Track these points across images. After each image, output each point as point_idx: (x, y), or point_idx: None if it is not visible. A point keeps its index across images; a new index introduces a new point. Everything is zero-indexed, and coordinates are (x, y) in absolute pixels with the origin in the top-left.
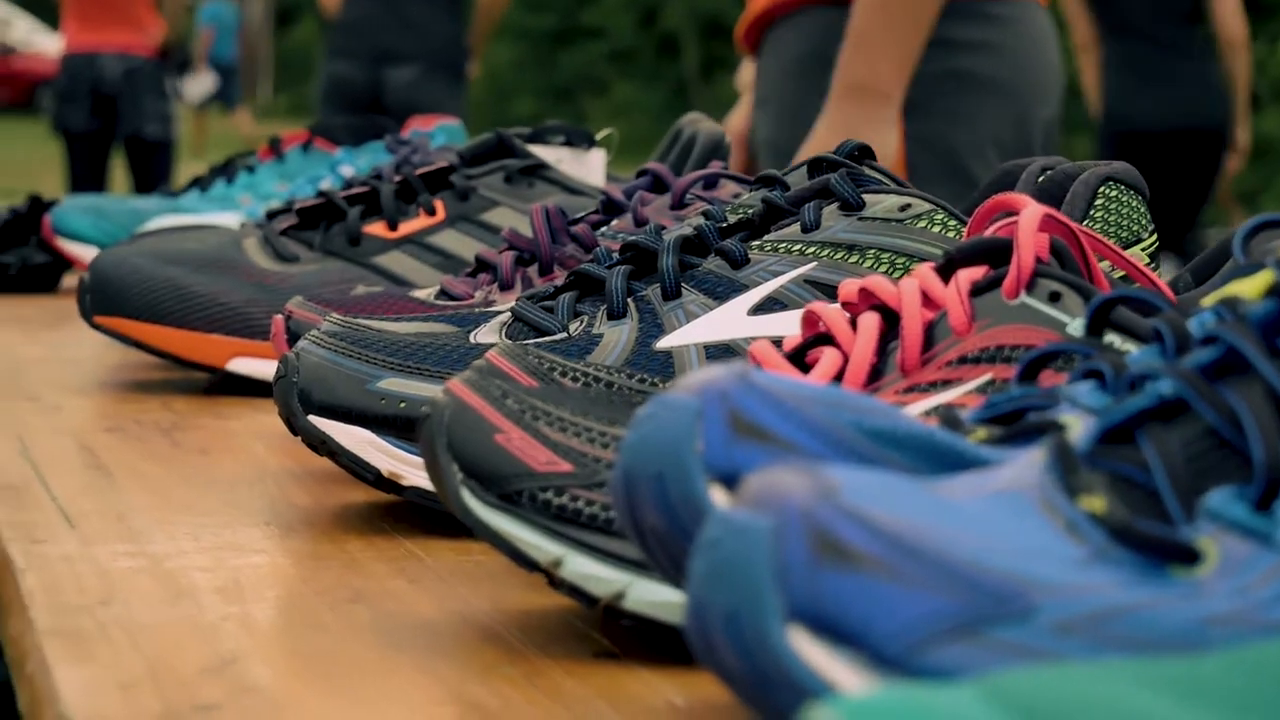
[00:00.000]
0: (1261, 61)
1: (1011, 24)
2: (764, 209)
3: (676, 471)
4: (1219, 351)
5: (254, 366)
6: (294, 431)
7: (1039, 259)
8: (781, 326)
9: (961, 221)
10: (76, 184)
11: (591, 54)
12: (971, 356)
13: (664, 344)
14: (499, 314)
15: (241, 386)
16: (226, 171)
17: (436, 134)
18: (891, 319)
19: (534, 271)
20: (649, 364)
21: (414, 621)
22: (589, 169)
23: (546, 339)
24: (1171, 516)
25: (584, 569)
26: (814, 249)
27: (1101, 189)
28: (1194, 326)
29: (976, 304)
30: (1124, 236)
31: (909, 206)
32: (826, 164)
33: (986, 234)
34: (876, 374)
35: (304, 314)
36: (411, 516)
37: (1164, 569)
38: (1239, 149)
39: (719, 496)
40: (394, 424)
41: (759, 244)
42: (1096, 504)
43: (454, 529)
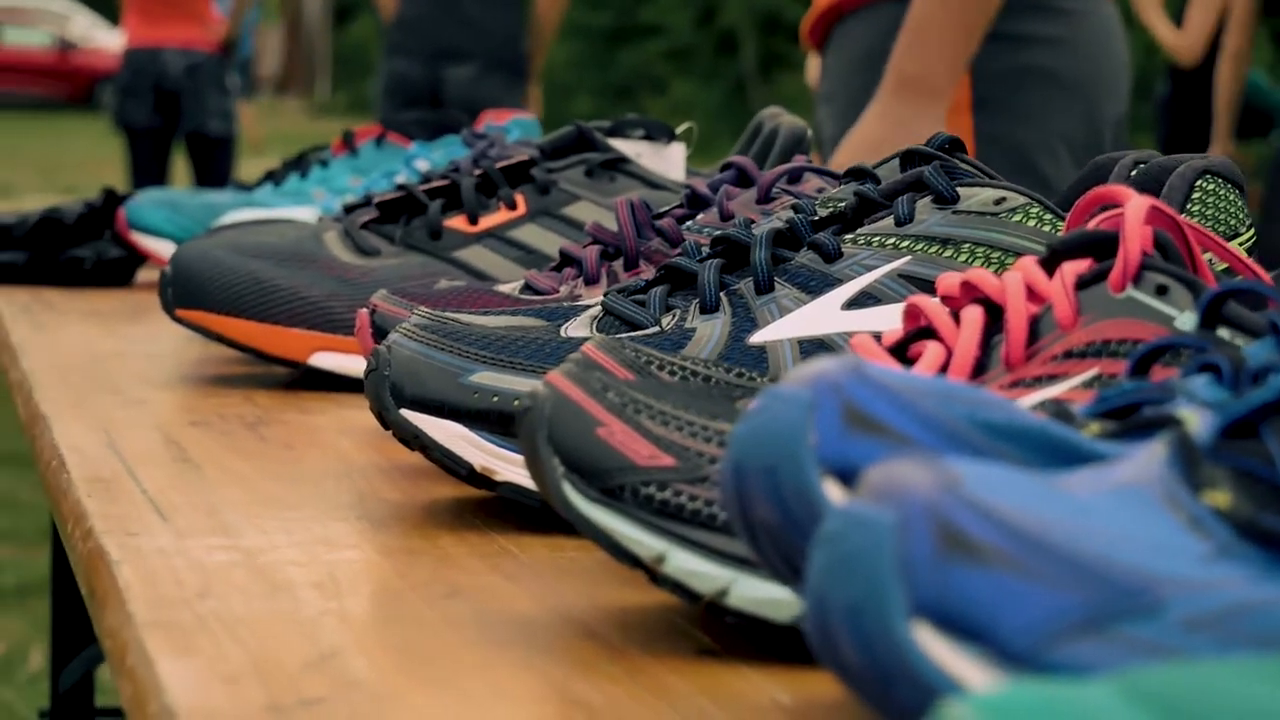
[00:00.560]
0: None
1: (1081, 19)
2: (856, 202)
3: (789, 464)
4: None
5: (336, 361)
6: (385, 426)
7: (1144, 252)
8: (876, 321)
9: (1057, 215)
10: (139, 180)
11: (649, 52)
12: (1077, 351)
13: (757, 338)
14: (588, 308)
15: (323, 381)
16: (299, 166)
17: (511, 128)
18: (994, 313)
19: (619, 266)
20: (742, 358)
21: (512, 617)
22: (669, 163)
23: (639, 333)
24: None
25: (687, 565)
26: (908, 243)
27: (1199, 182)
28: None
29: (1081, 298)
30: (1221, 230)
31: (1004, 200)
32: (919, 157)
33: (1089, 227)
34: (980, 368)
35: (389, 308)
36: (502, 511)
37: None
38: None
39: (833, 490)
40: (487, 418)
41: (852, 238)
42: (1221, 499)
43: (546, 524)
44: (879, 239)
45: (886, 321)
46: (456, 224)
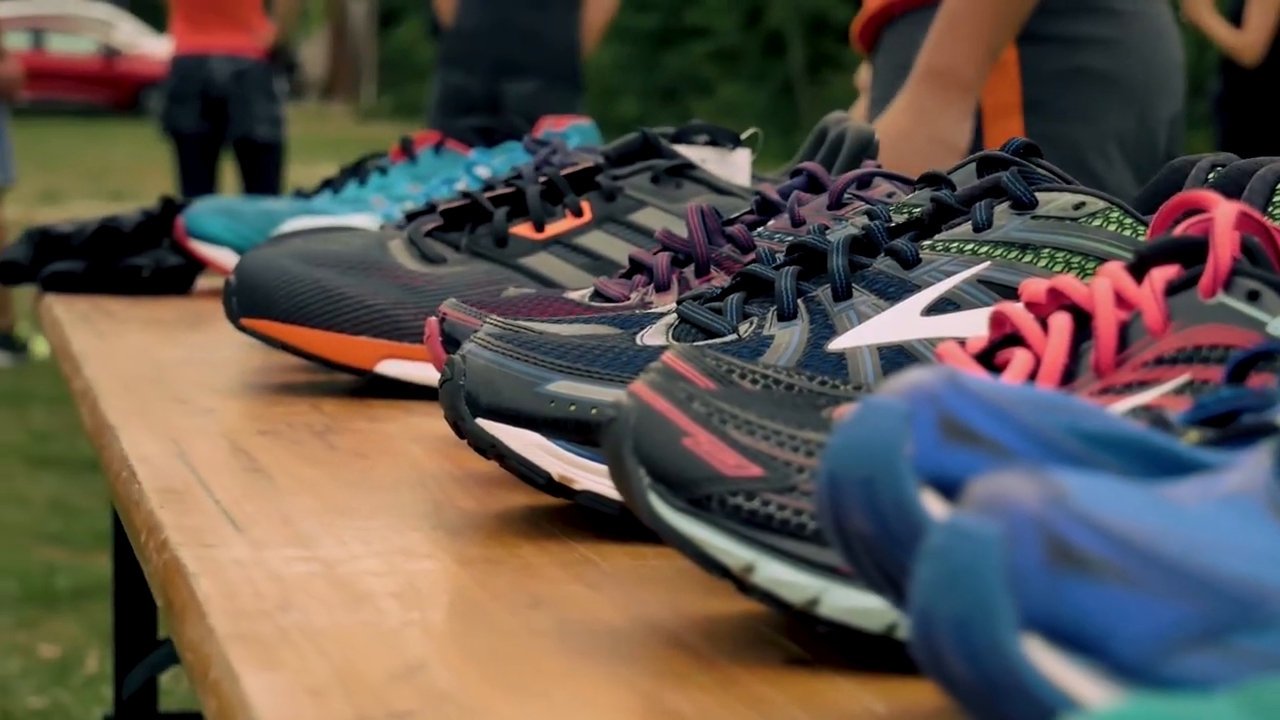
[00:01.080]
0: None
1: (1134, 19)
2: (934, 208)
3: (886, 476)
4: None
5: (403, 369)
6: (461, 435)
7: (1234, 257)
8: (956, 327)
9: (1136, 219)
10: (186, 186)
11: (696, 54)
12: (1168, 357)
13: (836, 345)
14: (662, 315)
15: (390, 388)
16: (358, 173)
17: (570, 134)
18: (1081, 319)
19: (690, 272)
20: (821, 365)
21: (597, 627)
22: (734, 168)
23: (716, 341)
24: None
25: (777, 575)
26: (987, 248)
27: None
28: None
29: (1171, 304)
30: None
31: (1083, 204)
32: (995, 162)
33: (1175, 233)
34: (1069, 375)
35: (458, 316)
36: (579, 519)
37: None
38: None
39: (930, 501)
40: (564, 427)
41: (930, 244)
42: None
43: (625, 533)
44: (957, 245)
45: (967, 327)
46: (522, 231)
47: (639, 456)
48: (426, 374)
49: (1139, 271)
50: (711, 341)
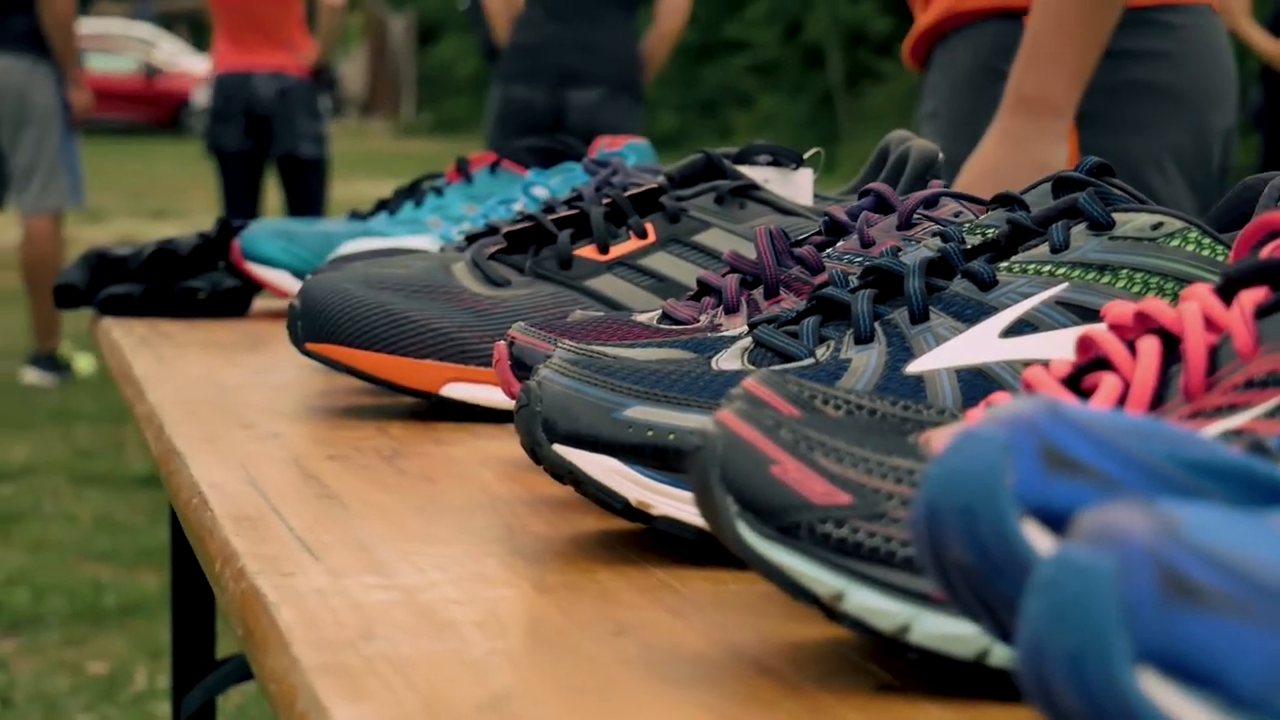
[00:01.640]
0: None
1: (1187, 31)
2: (1010, 229)
3: (987, 506)
4: None
5: (468, 392)
6: (537, 461)
7: None
8: (1035, 349)
9: (1215, 239)
10: (230, 204)
11: (735, 67)
12: (1259, 380)
13: (914, 368)
14: (736, 339)
15: (455, 412)
16: (413, 194)
17: (626, 153)
18: (1169, 343)
19: (759, 294)
20: (899, 388)
21: (683, 654)
22: (797, 188)
23: (793, 365)
24: None
25: (867, 602)
26: (1064, 269)
27: None
28: None
29: (1261, 326)
30: None
31: (1161, 225)
32: (1070, 183)
33: (1262, 255)
34: (1158, 400)
35: (527, 339)
36: (656, 545)
37: None
38: None
39: (1032, 531)
40: (642, 452)
41: (1006, 265)
42: None
43: (702, 558)
44: (1034, 266)
45: (1046, 349)
46: (587, 253)
47: (727, 485)
48: (492, 397)
49: (1227, 294)
50: (789, 366)
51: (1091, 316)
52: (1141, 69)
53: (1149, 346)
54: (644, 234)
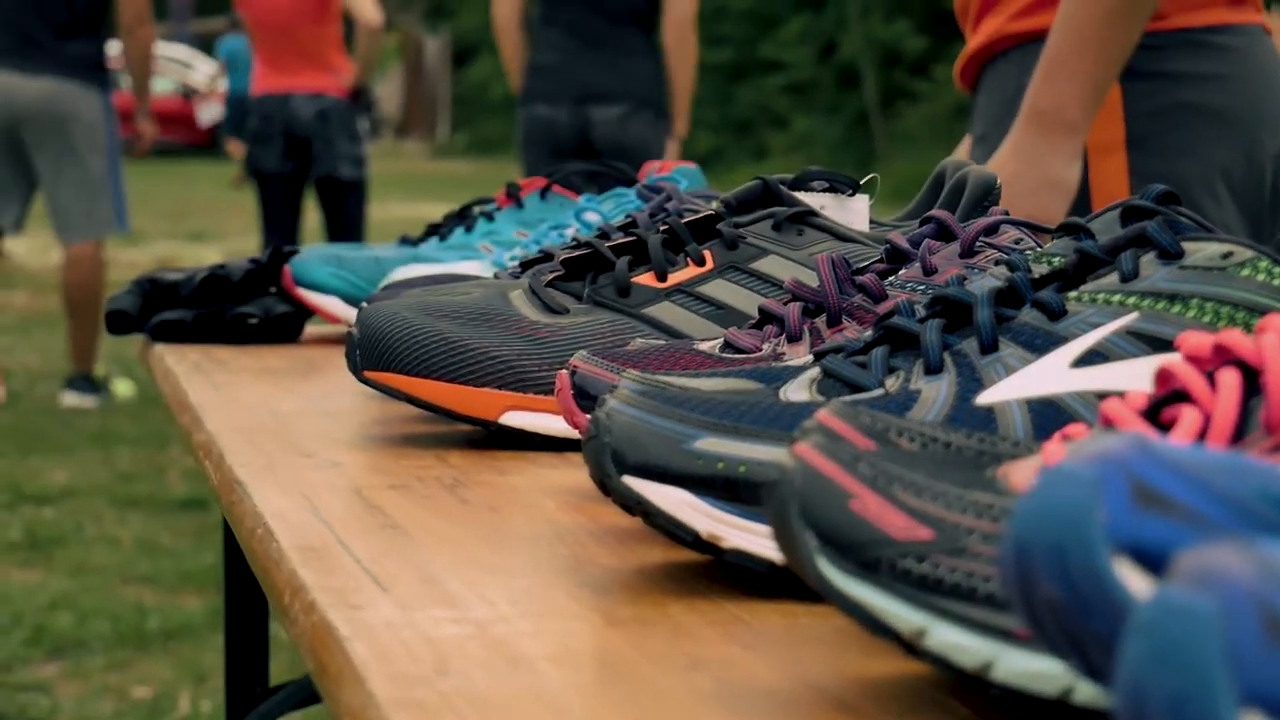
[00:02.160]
0: None
1: (1238, 53)
2: (1078, 258)
3: (1078, 543)
4: None
5: (528, 420)
6: (606, 492)
7: None
8: (1107, 379)
9: None
10: (269, 226)
11: (770, 87)
12: None
13: (985, 399)
14: (802, 369)
15: (514, 440)
16: (464, 219)
17: (677, 177)
18: (1248, 375)
19: (821, 323)
20: (970, 419)
21: (758, 689)
22: (853, 214)
23: (863, 396)
24: None
25: (950, 639)
26: (1134, 299)
27: None
28: None
29: None
30: None
31: (1231, 254)
32: (1139, 212)
33: None
34: (1239, 433)
35: (589, 368)
36: (724, 576)
37: None
38: None
39: (1125, 569)
40: (712, 484)
41: (1076, 295)
42: None
43: (772, 590)
44: (1104, 295)
45: (1118, 380)
46: (645, 280)
47: (806, 520)
48: (550, 425)
49: None
50: (858, 397)
51: (1163, 346)
52: (1192, 91)
53: (1229, 379)
54: (702, 261)
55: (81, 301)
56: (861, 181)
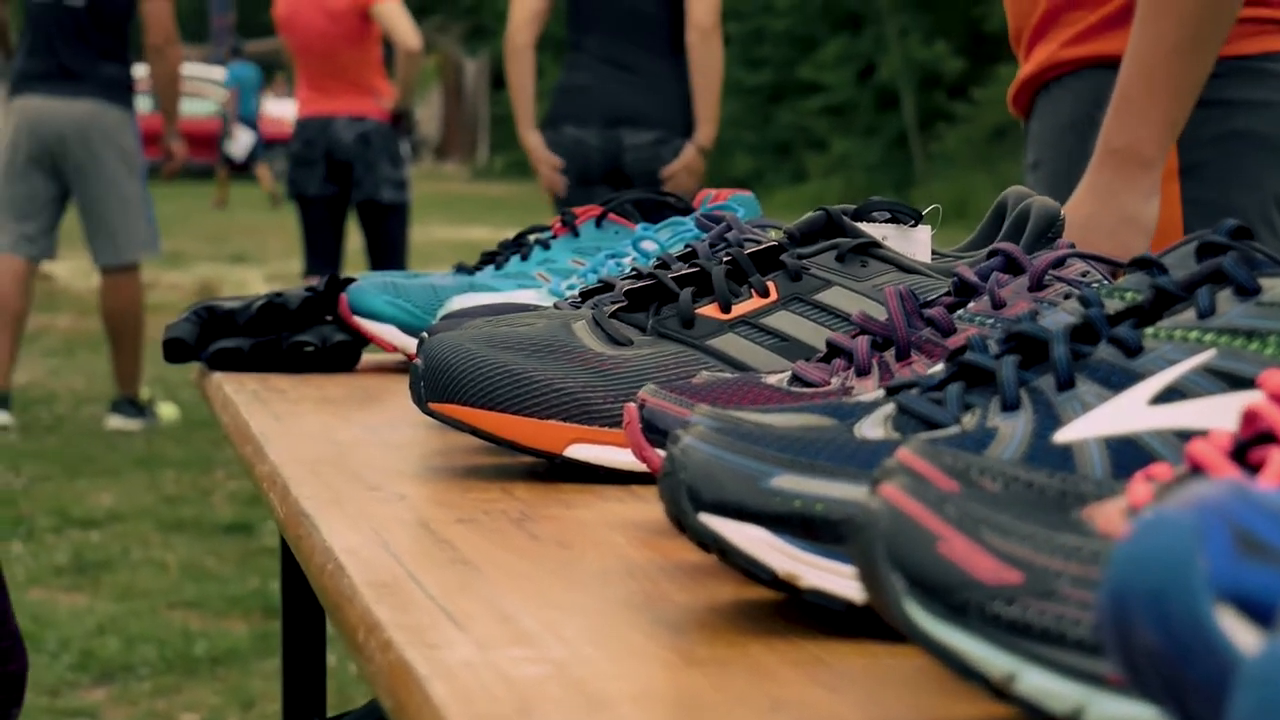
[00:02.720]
0: None
1: None
2: (1154, 294)
3: (1180, 591)
4: None
5: (592, 453)
6: (682, 530)
7: None
8: (1185, 417)
9: None
10: (311, 249)
11: (808, 109)
12: None
13: (1063, 437)
14: (875, 404)
15: (578, 472)
16: (519, 247)
17: (734, 206)
18: None
19: (890, 356)
20: (1047, 457)
21: None
22: (915, 245)
23: (939, 433)
24: None
25: (1040, 684)
26: (1211, 335)
27: None
28: None
29: None
30: None
31: None
32: (1214, 247)
33: None
34: None
35: (658, 402)
36: (801, 614)
37: None
38: None
39: (1227, 618)
40: (789, 522)
41: (1152, 331)
42: None
43: (850, 629)
44: (1180, 332)
45: (1197, 418)
46: (708, 312)
47: (893, 563)
48: (615, 458)
49: None
50: (935, 434)
51: (1242, 384)
52: (1247, 119)
53: None
54: (765, 292)
55: (122, 326)
56: (923, 212)
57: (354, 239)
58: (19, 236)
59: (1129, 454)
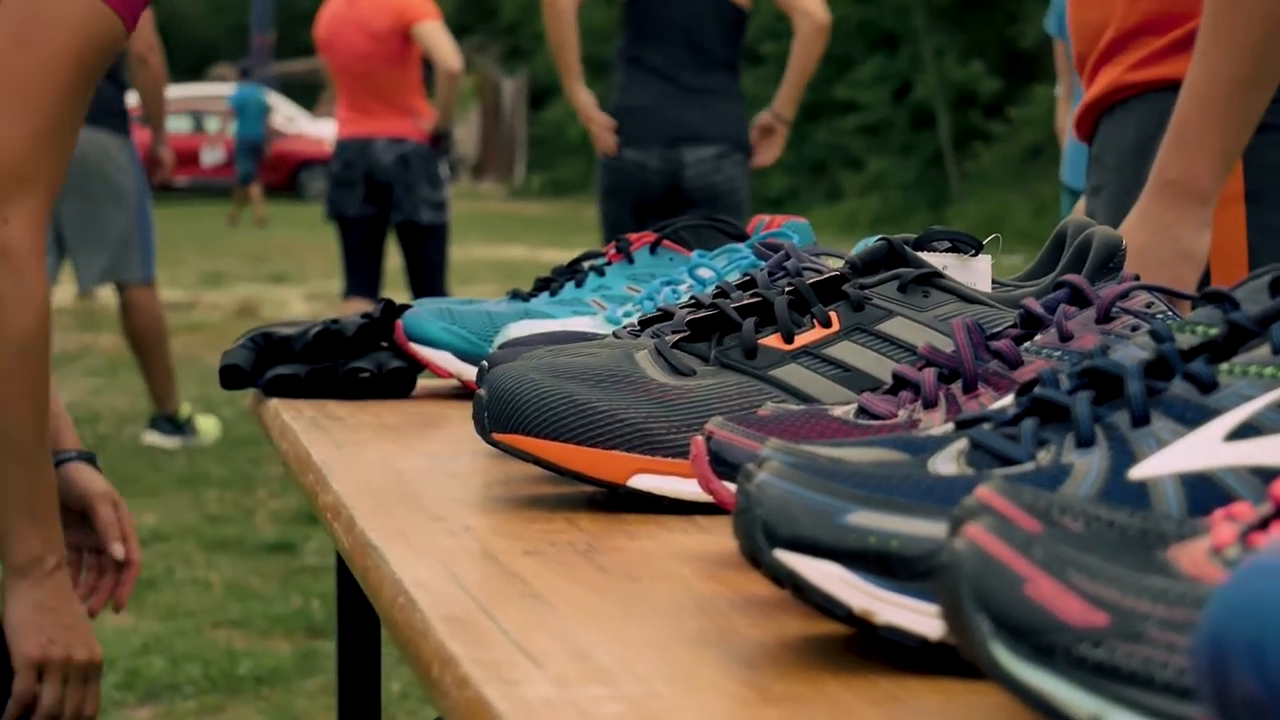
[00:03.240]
0: None
1: None
2: (1228, 329)
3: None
4: None
5: (656, 483)
6: (757, 565)
7: None
8: (1262, 453)
9: None
10: (351, 270)
11: (844, 128)
12: None
13: (1138, 474)
14: (947, 439)
15: (640, 502)
16: (573, 274)
17: (789, 233)
18: None
19: (957, 389)
20: (1123, 494)
21: None
22: (975, 275)
23: (1014, 469)
24: None
25: None
26: None
27: None
28: None
29: None
30: None
31: None
32: None
33: None
34: None
35: (726, 435)
36: (874, 650)
37: None
38: None
39: None
40: (864, 559)
41: (1227, 368)
42: None
43: (925, 665)
44: (1255, 368)
45: (1273, 453)
46: (771, 342)
47: (980, 604)
48: (678, 488)
49: None
50: (1010, 470)
51: None
52: None
53: None
54: (828, 322)
55: (146, 345)
56: (985, 241)
57: (394, 259)
58: None
59: (1205, 491)
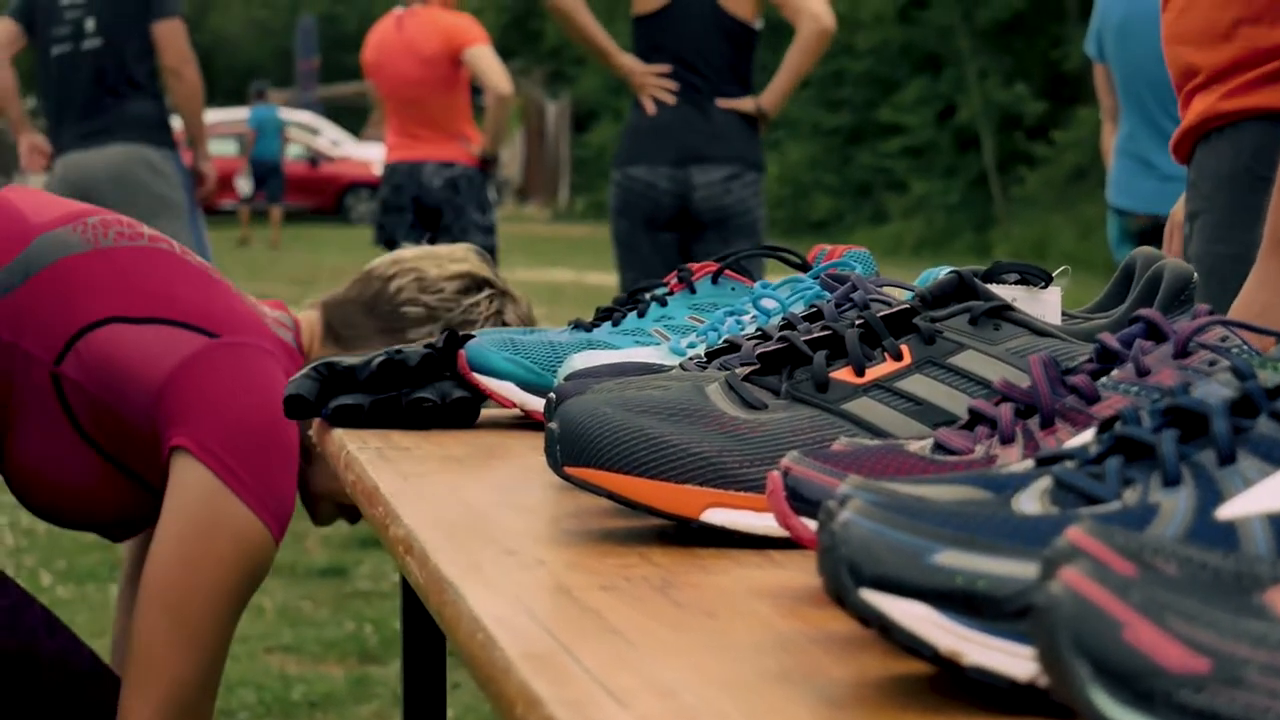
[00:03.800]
0: None
1: None
2: None
3: None
4: None
5: (728, 517)
6: (842, 605)
7: None
8: None
9: None
10: None
11: (888, 150)
12: None
13: (1226, 514)
14: (1030, 477)
15: (711, 536)
16: (634, 304)
17: (851, 263)
18: None
19: (1034, 424)
20: (1211, 535)
21: None
22: (1045, 307)
23: (1099, 509)
24: None
25: None
26: None
27: None
28: None
29: None
30: None
31: None
32: None
33: None
34: None
35: (803, 470)
36: (961, 691)
37: None
38: None
39: None
40: (951, 599)
41: None
42: None
43: (1012, 707)
44: None
45: None
46: (842, 375)
47: (1078, 650)
48: (751, 523)
49: None
50: (1096, 509)
51: None
52: None
53: None
54: (899, 356)
55: None
56: (1054, 274)
57: None
58: None
59: None
